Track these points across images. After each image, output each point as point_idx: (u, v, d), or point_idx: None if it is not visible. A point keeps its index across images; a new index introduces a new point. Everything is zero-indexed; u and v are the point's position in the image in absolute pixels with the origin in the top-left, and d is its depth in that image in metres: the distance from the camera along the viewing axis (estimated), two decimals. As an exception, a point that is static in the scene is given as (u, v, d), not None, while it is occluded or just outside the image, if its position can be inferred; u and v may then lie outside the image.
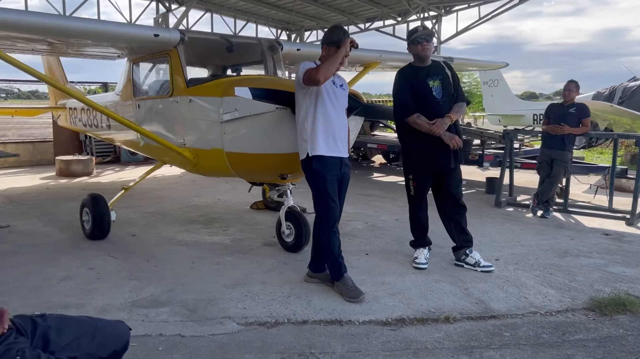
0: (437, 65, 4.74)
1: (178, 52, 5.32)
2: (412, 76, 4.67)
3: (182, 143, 5.39)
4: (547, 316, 3.74)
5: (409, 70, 4.75)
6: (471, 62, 9.81)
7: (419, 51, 4.61)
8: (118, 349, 2.23)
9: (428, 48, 4.61)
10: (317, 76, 3.78)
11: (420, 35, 4.60)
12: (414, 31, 4.70)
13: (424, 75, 4.62)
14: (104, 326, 2.23)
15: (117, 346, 2.22)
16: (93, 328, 2.17)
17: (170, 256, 5.09)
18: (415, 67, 4.73)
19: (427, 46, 4.60)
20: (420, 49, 4.60)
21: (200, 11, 16.11)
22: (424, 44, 4.59)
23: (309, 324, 3.58)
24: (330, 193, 4.02)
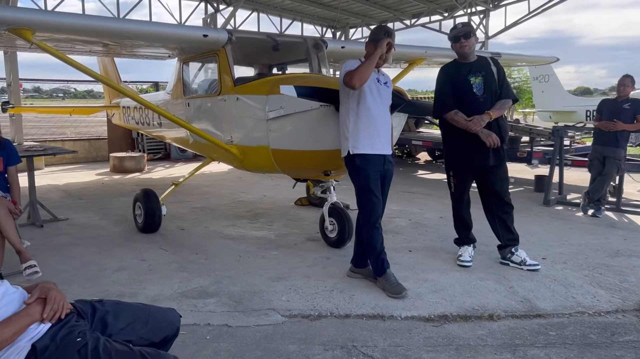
0: (482, 61, 4.69)
1: (226, 51, 5.47)
2: (454, 72, 4.66)
3: (229, 140, 5.55)
4: (595, 317, 3.66)
5: (451, 66, 4.75)
6: (520, 57, 9.58)
7: (458, 49, 4.62)
8: (169, 335, 2.34)
9: (467, 45, 4.58)
10: (352, 82, 3.85)
11: (458, 33, 4.59)
12: (454, 28, 4.70)
13: (466, 72, 4.59)
14: (156, 312, 2.35)
15: (168, 332, 2.34)
16: (146, 314, 2.29)
17: (217, 250, 5.26)
18: (458, 63, 4.72)
19: (465, 43, 4.57)
20: (459, 46, 4.60)
21: (247, 11, 16.37)
22: (462, 42, 4.57)
23: (351, 318, 3.63)
24: (373, 189, 4.06)
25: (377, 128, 4.04)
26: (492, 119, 4.51)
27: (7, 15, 4.31)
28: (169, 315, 2.40)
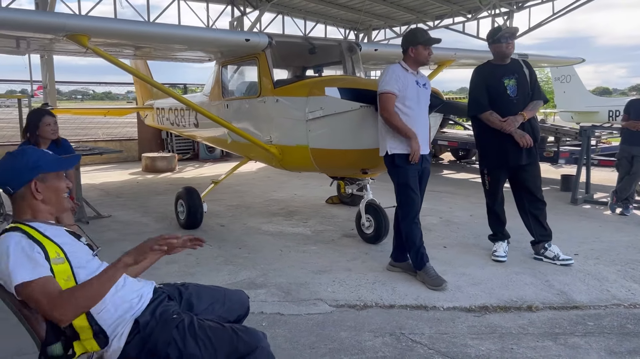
0: (515, 64, 4.84)
1: (266, 55, 5.71)
2: (488, 74, 4.81)
3: (268, 140, 5.79)
4: (631, 309, 3.81)
5: (486, 67, 4.90)
6: (545, 58, 9.68)
7: (504, 49, 4.73)
8: (242, 314, 2.57)
9: (512, 46, 4.73)
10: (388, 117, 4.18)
11: (505, 34, 4.71)
12: (498, 30, 4.84)
13: (501, 74, 4.74)
14: (230, 294, 2.57)
15: (240, 311, 2.56)
16: (222, 295, 2.52)
17: (259, 245, 5.50)
18: (493, 64, 4.87)
19: (511, 44, 4.72)
20: (505, 47, 4.71)
21: (272, 14, 16.65)
22: (510, 43, 4.71)
23: (395, 308, 3.83)
24: (412, 186, 4.25)
25: (416, 128, 4.23)
26: (526, 120, 4.68)
27: (67, 22, 4.60)
28: (240, 296, 2.62)
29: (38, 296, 1.86)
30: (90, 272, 2.05)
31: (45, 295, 1.86)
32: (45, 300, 1.86)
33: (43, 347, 1.96)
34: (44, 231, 2.02)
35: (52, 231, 2.05)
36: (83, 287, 1.94)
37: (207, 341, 2.06)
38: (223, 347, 2.05)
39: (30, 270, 1.87)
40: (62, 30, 4.67)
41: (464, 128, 12.90)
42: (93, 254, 2.20)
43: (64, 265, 1.98)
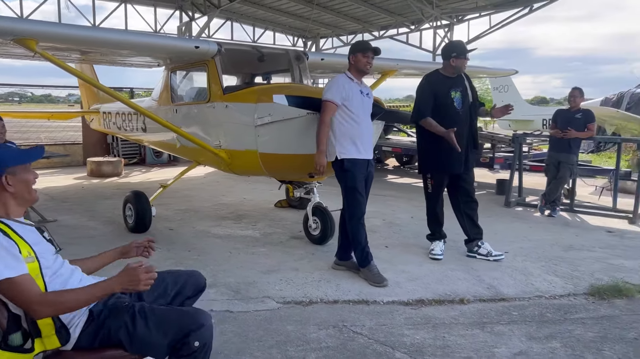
0: (459, 77, 5.19)
1: (215, 62, 5.85)
2: (438, 84, 5.10)
3: (217, 144, 5.92)
4: (551, 300, 4.21)
5: (436, 77, 5.17)
6: (481, 69, 10.26)
7: (462, 64, 5.05)
8: (199, 288, 2.76)
9: (467, 62, 5.09)
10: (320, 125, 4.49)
11: (466, 50, 5.07)
12: (460, 44, 5.18)
13: (449, 86, 5.07)
14: (182, 273, 2.77)
15: (197, 285, 2.75)
16: (174, 276, 2.70)
17: (208, 247, 5.62)
18: (443, 75, 5.15)
19: (468, 60, 5.09)
20: (464, 62, 5.06)
21: (221, 20, 16.71)
22: (468, 58, 5.07)
23: (339, 303, 4.08)
24: (359, 189, 4.52)
25: (361, 135, 4.51)
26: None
27: (15, 26, 4.60)
28: (193, 273, 2.81)
29: (18, 292, 2.01)
30: (54, 272, 2.19)
31: (26, 292, 2.01)
32: (25, 297, 2.01)
33: (4, 336, 2.07)
34: (16, 229, 2.13)
35: (23, 230, 2.16)
36: (69, 295, 2.11)
37: (156, 321, 2.24)
38: (171, 326, 2.24)
39: (13, 267, 1.99)
40: (10, 35, 4.65)
41: (407, 135, 13.39)
42: (55, 252, 2.31)
43: (34, 264, 2.10)
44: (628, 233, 6.45)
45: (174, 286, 2.63)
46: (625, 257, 5.34)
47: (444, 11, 15.21)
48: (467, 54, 5.09)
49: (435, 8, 14.86)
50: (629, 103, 14.41)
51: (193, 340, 2.24)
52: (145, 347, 2.26)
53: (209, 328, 2.32)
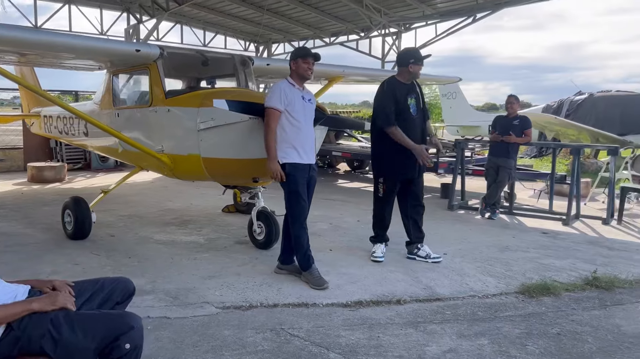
0: (413, 84, 5.32)
1: (157, 65, 5.79)
2: (397, 89, 5.16)
3: (160, 149, 5.85)
4: (483, 299, 4.37)
5: (395, 83, 5.21)
6: (428, 77, 10.53)
7: (417, 71, 5.17)
8: (129, 292, 2.77)
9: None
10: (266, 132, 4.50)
11: (423, 57, 5.18)
12: (417, 51, 5.29)
13: (406, 92, 5.17)
14: (107, 280, 2.75)
15: (126, 290, 2.73)
16: (100, 284, 2.67)
17: (149, 253, 5.53)
18: (400, 82, 5.22)
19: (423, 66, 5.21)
20: (420, 69, 5.17)
21: (170, 23, 16.48)
22: (423, 66, 5.19)
23: (279, 307, 4.10)
24: (301, 193, 4.57)
25: (303, 140, 4.57)
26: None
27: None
28: (120, 279, 2.79)
29: None
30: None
31: None
32: None
33: None
34: None
35: None
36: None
37: (83, 326, 2.22)
38: (100, 330, 2.23)
39: None
40: None
41: (357, 140, 13.58)
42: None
43: None
44: (561, 234, 6.76)
45: (99, 292, 2.60)
46: (556, 257, 5.60)
47: (391, 19, 15.53)
48: (423, 60, 5.22)
49: (383, 16, 15.15)
50: (568, 110, 15.08)
51: (123, 343, 2.25)
52: (72, 352, 2.24)
53: (139, 330, 2.33)
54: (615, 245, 6.17)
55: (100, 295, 2.59)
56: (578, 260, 5.49)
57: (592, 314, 4.02)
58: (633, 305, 4.22)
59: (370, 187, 11.01)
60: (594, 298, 4.36)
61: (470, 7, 14.37)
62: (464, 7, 14.58)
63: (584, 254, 5.74)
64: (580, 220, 7.58)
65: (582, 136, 13.38)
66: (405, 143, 5.05)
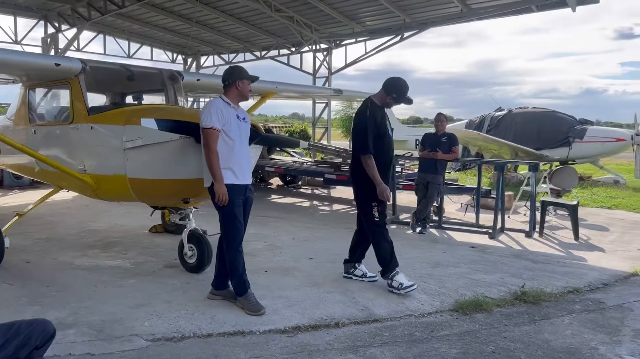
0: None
1: (79, 80, 5.45)
2: (377, 114, 5.11)
3: (82, 169, 5.50)
4: (420, 318, 4.40)
5: (375, 108, 5.14)
6: (358, 93, 10.71)
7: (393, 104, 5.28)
8: (49, 334, 2.52)
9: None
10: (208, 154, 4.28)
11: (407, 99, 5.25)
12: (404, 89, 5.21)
13: (383, 115, 5.18)
14: (22, 324, 2.49)
15: (45, 332, 2.49)
16: (16, 328, 2.41)
17: (70, 281, 5.15)
18: (377, 105, 5.16)
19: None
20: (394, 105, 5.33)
21: (92, 32, 15.75)
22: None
23: (213, 336, 3.91)
24: (237, 215, 4.41)
25: (239, 160, 4.43)
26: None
27: None
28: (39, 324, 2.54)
29: None
30: None
31: None
32: None
33: None
34: None
35: None
36: None
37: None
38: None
39: None
40: None
41: (290, 155, 13.53)
42: None
43: None
44: (488, 248, 7.00)
45: (15, 337, 2.34)
46: (485, 272, 5.77)
47: (322, 35, 15.70)
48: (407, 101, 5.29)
49: (314, 32, 15.30)
50: (489, 125, 15.85)
51: None
52: None
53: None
54: (539, 258, 6.46)
55: (15, 340, 2.34)
56: (506, 274, 5.68)
57: (523, 330, 4.14)
58: (559, 319, 4.40)
59: (304, 203, 11.04)
60: (523, 313, 4.51)
61: (398, 26, 14.81)
62: (391, 25, 15.01)
63: (510, 268, 5.95)
64: (505, 233, 7.89)
65: (502, 150, 14.12)
66: (372, 175, 4.98)
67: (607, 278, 5.57)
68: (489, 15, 13.59)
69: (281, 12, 14.25)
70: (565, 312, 4.56)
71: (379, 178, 5.01)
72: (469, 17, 13.79)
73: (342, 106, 32.39)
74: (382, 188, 5.02)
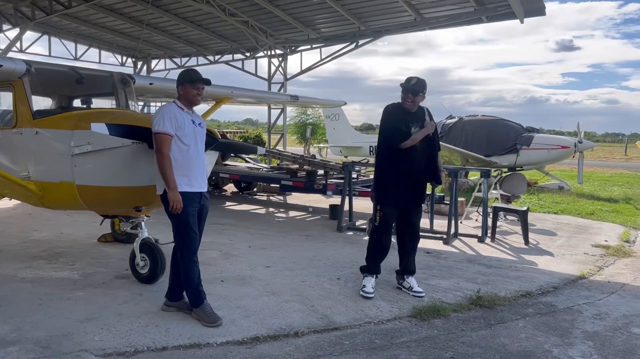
0: (420, 112, 5.19)
1: (23, 82, 5.19)
2: (399, 116, 5.08)
3: (26, 175, 5.23)
4: (379, 325, 4.39)
5: (398, 110, 5.15)
6: (314, 100, 10.73)
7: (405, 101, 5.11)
8: None
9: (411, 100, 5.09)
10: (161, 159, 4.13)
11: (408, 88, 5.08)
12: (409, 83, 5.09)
13: (409, 120, 5.06)
14: None
15: None
16: None
17: (13, 295, 4.85)
18: (403, 109, 5.13)
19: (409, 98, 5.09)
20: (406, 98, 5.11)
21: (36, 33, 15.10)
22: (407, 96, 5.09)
23: (168, 350, 3.77)
24: (191, 224, 4.27)
25: (194, 167, 4.29)
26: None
27: None
28: None
29: None
30: None
31: None
32: None
33: None
34: None
35: None
36: None
37: None
38: None
39: None
40: None
41: (245, 161, 13.35)
42: None
43: None
44: (443, 253, 7.10)
45: None
46: (441, 277, 5.84)
47: (277, 41, 15.66)
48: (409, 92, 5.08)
49: (269, 37, 15.24)
50: (440, 132, 16.18)
51: None
52: None
53: None
54: (492, 262, 6.60)
55: None
56: (461, 279, 5.77)
57: (480, 334, 4.21)
58: (514, 322, 4.49)
59: (260, 209, 10.91)
60: (479, 318, 4.58)
61: (353, 33, 14.95)
62: (346, 33, 15.13)
63: (465, 273, 6.05)
64: (459, 238, 8.04)
65: (453, 157, 14.46)
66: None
67: (556, 282, 5.75)
68: (441, 24, 13.91)
69: (236, 17, 14.11)
70: (519, 316, 4.66)
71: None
72: (422, 26, 14.08)
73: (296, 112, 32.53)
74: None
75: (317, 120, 32.19)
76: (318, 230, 8.36)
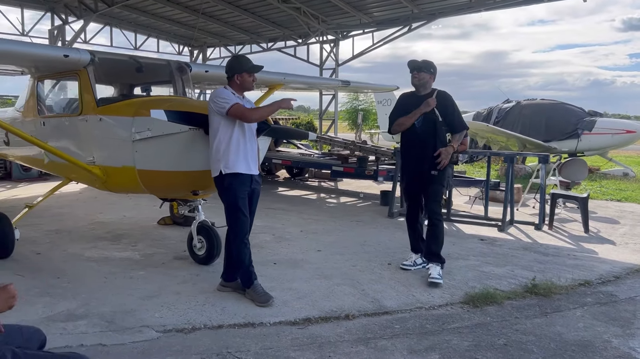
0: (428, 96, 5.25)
1: (88, 72, 5.44)
2: (407, 100, 5.38)
3: (91, 160, 5.50)
4: (430, 310, 4.38)
5: (408, 95, 5.42)
6: (366, 85, 10.66)
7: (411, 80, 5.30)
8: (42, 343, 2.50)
9: (417, 78, 5.23)
10: (251, 117, 4.33)
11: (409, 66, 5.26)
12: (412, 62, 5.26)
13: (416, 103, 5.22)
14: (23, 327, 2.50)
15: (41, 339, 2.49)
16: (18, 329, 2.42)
17: (81, 273, 5.16)
18: (414, 93, 5.36)
19: (415, 75, 5.22)
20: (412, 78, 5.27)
21: (99, 24, 15.73)
22: (413, 74, 5.22)
23: (224, 328, 3.91)
24: (241, 207, 4.39)
25: (246, 150, 4.40)
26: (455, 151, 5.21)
27: None
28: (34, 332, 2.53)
29: None
30: None
31: None
32: None
33: None
34: None
35: None
36: None
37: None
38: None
39: None
40: None
41: (297, 147, 13.49)
42: None
43: None
44: (498, 240, 6.95)
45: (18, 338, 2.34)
46: (495, 264, 5.73)
47: (329, 27, 15.60)
48: (414, 69, 5.20)
49: (321, 23, 15.20)
50: (497, 117, 15.75)
51: None
52: None
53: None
54: (549, 250, 6.41)
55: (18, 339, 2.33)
56: (516, 266, 5.65)
57: (535, 322, 4.12)
58: (571, 311, 4.37)
59: (311, 195, 11.02)
60: (534, 306, 4.48)
61: (406, 16, 14.68)
62: (399, 16, 14.88)
63: (520, 260, 5.91)
64: (514, 225, 7.85)
65: (510, 142, 14.04)
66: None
67: (618, 271, 5.53)
68: (497, 5, 13.43)
69: (288, 3, 14.17)
70: (577, 305, 4.53)
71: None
72: (477, 7, 13.64)
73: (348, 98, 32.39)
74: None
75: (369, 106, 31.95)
76: (369, 216, 8.36)
